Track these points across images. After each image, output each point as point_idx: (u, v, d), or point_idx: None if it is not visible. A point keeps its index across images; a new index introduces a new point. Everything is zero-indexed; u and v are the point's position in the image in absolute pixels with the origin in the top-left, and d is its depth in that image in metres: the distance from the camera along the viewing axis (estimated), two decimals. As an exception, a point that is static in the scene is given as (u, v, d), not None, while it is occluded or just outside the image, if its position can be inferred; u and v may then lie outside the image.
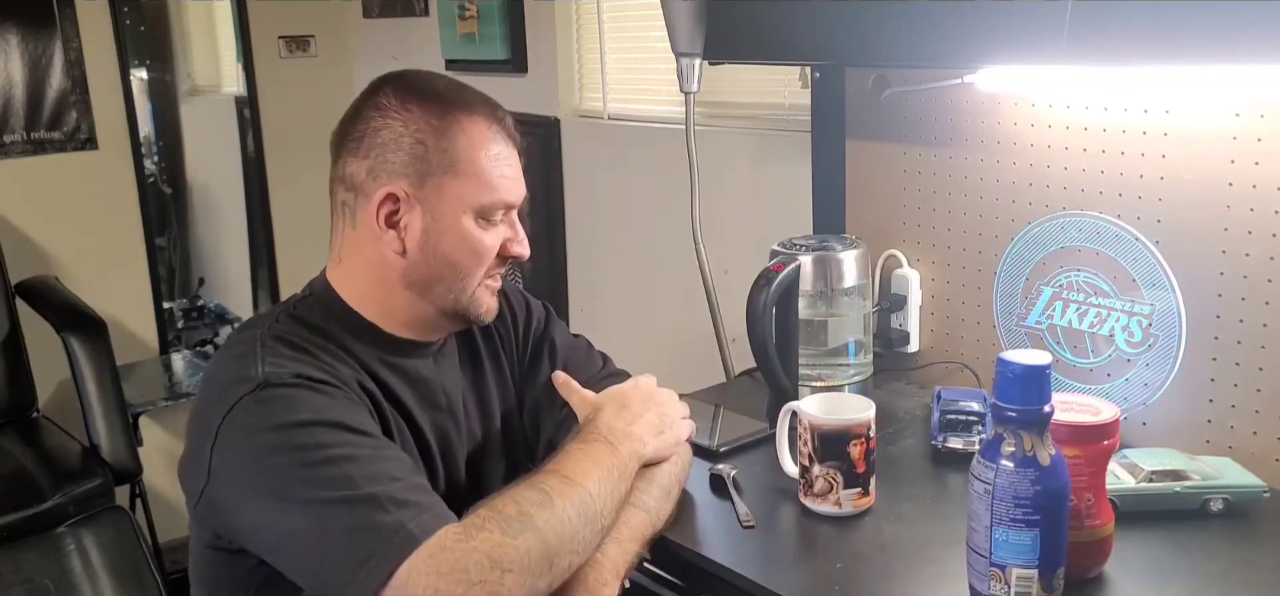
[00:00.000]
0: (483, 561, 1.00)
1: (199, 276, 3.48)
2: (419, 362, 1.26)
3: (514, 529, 1.03)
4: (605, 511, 1.14)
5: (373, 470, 1.05)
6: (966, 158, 1.63)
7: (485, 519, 1.04)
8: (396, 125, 1.17)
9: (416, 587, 0.99)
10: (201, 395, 1.16)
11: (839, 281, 1.56)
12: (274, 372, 1.10)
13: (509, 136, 1.22)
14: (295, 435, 1.06)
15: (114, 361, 2.48)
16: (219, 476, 1.09)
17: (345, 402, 1.13)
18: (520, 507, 1.06)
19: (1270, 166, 1.30)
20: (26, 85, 2.85)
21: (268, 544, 1.09)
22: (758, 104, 2.11)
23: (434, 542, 1.00)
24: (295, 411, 1.08)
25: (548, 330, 1.43)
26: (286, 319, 1.21)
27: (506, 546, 1.02)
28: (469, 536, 1.02)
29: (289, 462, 1.05)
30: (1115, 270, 1.47)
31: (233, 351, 1.17)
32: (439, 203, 1.18)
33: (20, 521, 2.21)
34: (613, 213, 2.51)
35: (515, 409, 1.40)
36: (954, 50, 1.37)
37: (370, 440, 1.10)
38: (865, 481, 1.26)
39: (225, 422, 1.08)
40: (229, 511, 1.10)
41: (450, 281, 1.21)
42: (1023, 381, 1.00)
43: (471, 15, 2.73)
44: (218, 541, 1.16)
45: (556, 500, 1.08)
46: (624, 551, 1.15)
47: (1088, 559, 1.10)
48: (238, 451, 1.08)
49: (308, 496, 1.04)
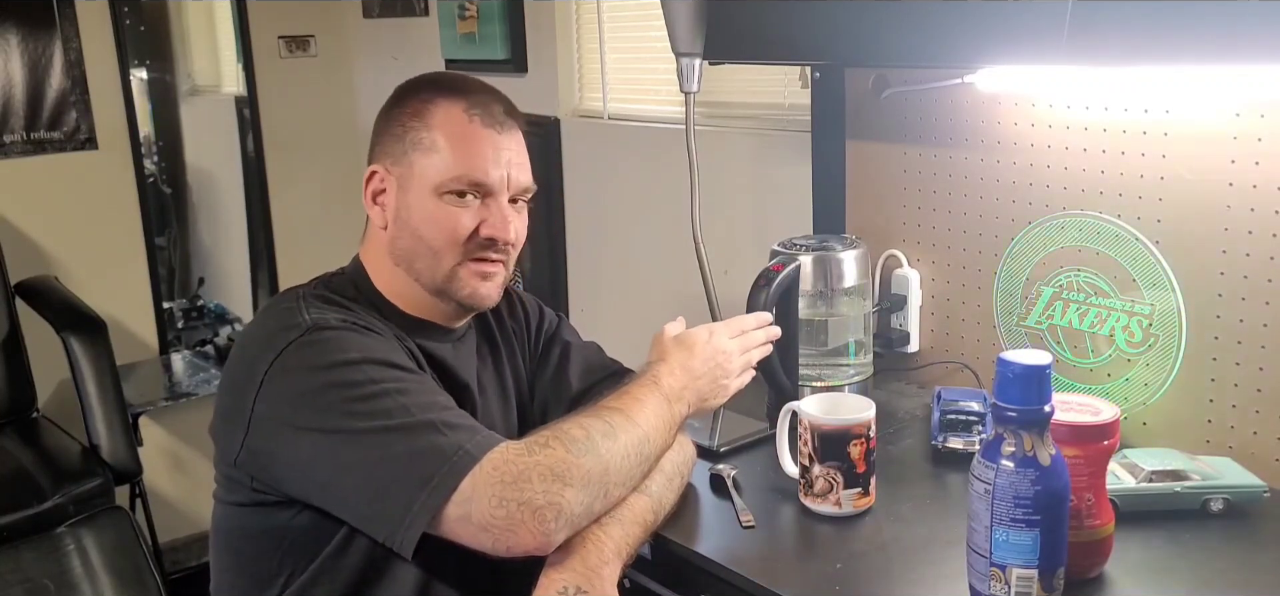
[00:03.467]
0: (546, 473, 1.05)
1: (199, 276, 3.48)
2: (439, 345, 1.30)
3: (578, 448, 1.09)
4: (654, 455, 1.20)
5: (424, 400, 1.11)
6: (966, 158, 1.63)
7: (549, 438, 1.09)
8: (397, 111, 1.26)
9: (481, 497, 1.04)
10: (241, 351, 1.20)
11: (839, 281, 1.56)
12: (321, 318, 1.16)
13: (493, 122, 1.25)
14: (348, 372, 1.11)
15: (114, 361, 2.48)
16: (265, 422, 1.12)
17: (391, 344, 1.19)
18: (586, 431, 1.11)
19: (1270, 166, 1.30)
20: (26, 85, 2.85)
21: (318, 484, 1.12)
22: (758, 104, 2.11)
23: (497, 454, 1.06)
24: (346, 350, 1.13)
25: (559, 331, 1.48)
26: (322, 288, 1.27)
27: (569, 463, 1.07)
28: (531, 452, 1.07)
29: (343, 397, 1.10)
30: (1115, 270, 1.47)
31: (275, 309, 1.22)
32: (409, 177, 1.24)
33: (20, 521, 2.21)
34: (613, 213, 2.51)
35: (527, 401, 1.44)
36: (954, 50, 1.37)
37: (418, 375, 1.16)
38: (865, 481, 1.26)
39: (274, 366, 1.12)
40: (276, 454, 1.13)
41: (427, 258, 1.25)
42: (1023, 381, 1.00)
43: (471, 15, 2.73)
44: (254, 496, 1.17)
45: (619, 434, 1.14)
46: (626, 533, 1.16)
47: (1088, 559, 1.10)
48: (289, 392, 1.12)
49: (365, 427, 1.08)
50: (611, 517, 1.15)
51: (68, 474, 2.33)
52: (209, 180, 3.52)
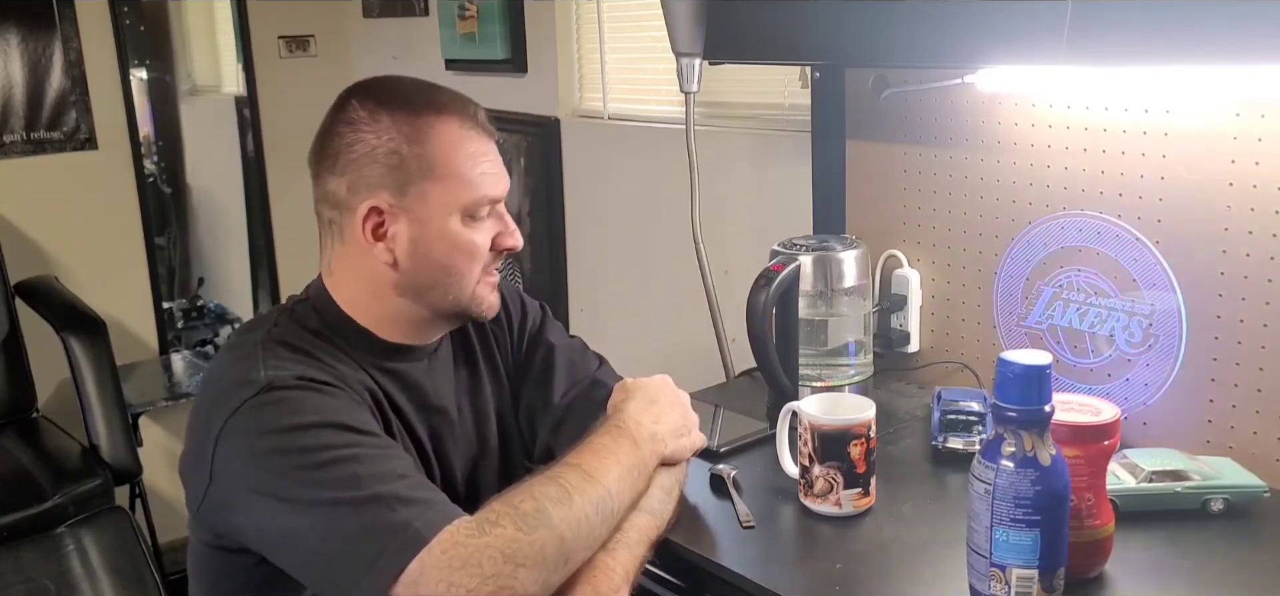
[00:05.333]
0: (496, 556, 1.01)
1: (199, 276, 3.48)
2: (413, 367, 1.26)
3: (529, 524, 1.03)
4: (621, 509, 1.15)
5: (378, 469, 1.05)
6: (966, 158, 1.63)
7: (500, 514, 1.04)
8: (369, 137, 1.16)
9: (429, 583, 0.99)
10: (203, 397, 1.16)
11: (839, 281, 1.55)
12: (277, 376, 1.10)
13: (484, 131, 1.21)
14: (300, 437, 1.06)
15: (114, 361, 2.48)
16: (222, 478, 1.09)
17: (348, 403, 1.13)
18: (537, 503, 1.06)
19: (1270, 166, 1.30)
20: (26, 85, 2.85)
21: (273, 545, 1.09)
22: (758, 104, 2.11)
23: (446, 537, 1.01)
24: (299, 414, 1.08)
25: (543, 330, 1.43)
26: (287, 321, 1.21)
27: (521, 542, 1.02)
28: (483, 531, 1.02)
29: (294, 464, 1.05)
30: (1115, 270, 1.47)
31: (235, 354, 1.17)
32: (423, 209, 1.17)
33: (20, 521, 2.21)
34: (613, 213, 2.51)
35: (510, 408, 1.41)
36: (954, 50, 1.37)
37: (374, 440, 1.10)
38: (865, 481, 1.26)
39: (228, 425, 1.08)
40: (233, 513, 1.10)
41: (447, 285, 1.21)
42: (1023, 381, 1.00)
43: (471, 15, 2.73)
44: (218, 540, 1.16)
45: (575, 497, 1.08)
46: (633, 556, 1.15)
47: (1088, 559, 1.10)
48: (242, 454, 1.08)
49: (314, 498, 1.04)
50: (618, 543, 1.14)
51: (68, 474, 2.34)
52: (209, 180, 3.52)
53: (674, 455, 1.25)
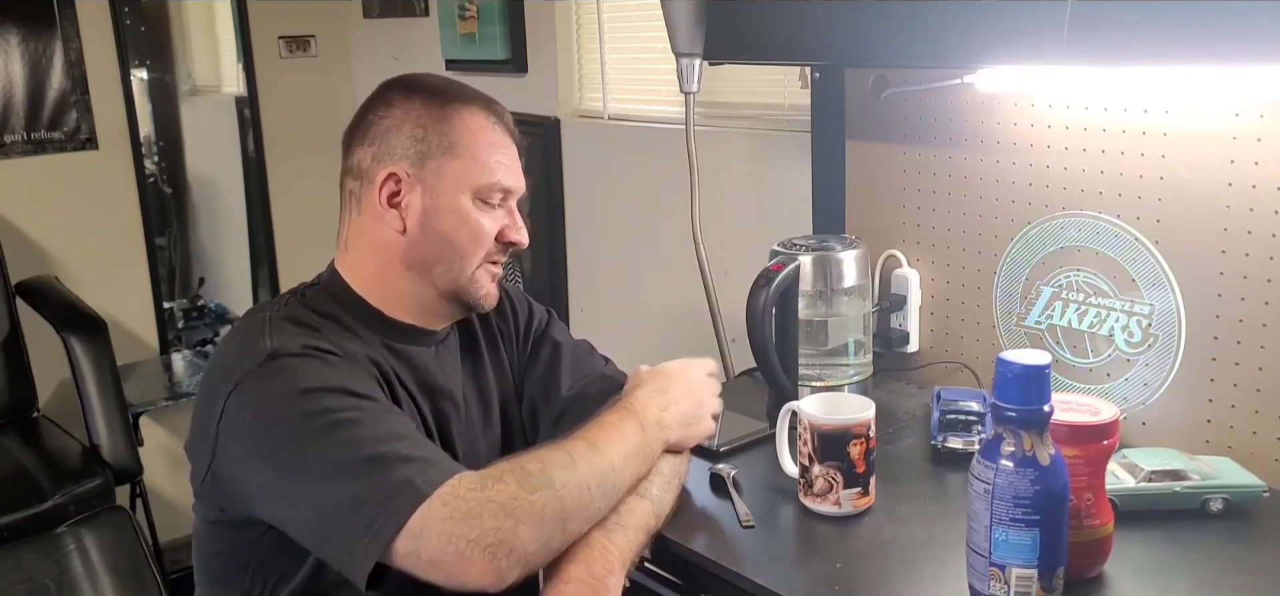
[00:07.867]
0: (497, 510, 1.03)
1: (199, 276, 3.48)
2: (421, 351, 1.28)
3: (532, 484, 1.06)
4: (623, 486, 1.17)
5: (378, 431, 1.08)
6: (966, 158, 1.63)
7: (505, 471, 1.07)
8: (399, 114, 1.23)
9: (431, 533, 1.01)
10: (209, 372, 1.19)
11: (839, 281, 1.56)
12: (282, 345, 1.13)
13: (507, 130, 1.28)
14: (302, 402, 1.09)
15: (114, 361, 2.48)
16: (226, 449, 1.12)
17: (351, 369, 1.16)
18: (542, 465, 1.09)
19: (1270, 166, 1.30)
20: (27, 85, 2.85)
21: (276, 511, 1.11)
22: (758, 104, 2.11)
23: (448, 490, 1.03)
24: (301, 380, 1.10)
25: (549, 329, 1.46)
26: (296, 302, 1.24)
27: (522, 499, 1.04)
28: (485, 486, 1.05)
29: (296, 429, 1.08)
30: (1115, 270, 1.47)
31: (241, 330, 1.20)
32: (438, 182, 1.22)
33: (21, 521, 2.21)
34: (613, 213, 2.51)
35: (514, 402, 1.43)
36: (954, 50, 1.37)
37: (375, 404, 1.13)
38: (865, 481, 1.26)
39: (233, 394, 1.11)
40: (237, 482, 1.12)
41: (450, 261, 1.24)
42: (1022, 381, 1.00)
43: (471, 15, 2.73)
44: (222, 515, 1.17)
45: (579, 465, 1.11)
46: (630, 540, 1.16)
47: (1087, 559, 1.10)
48: (246, 422, 1.11)
49: (316, 459, 1.06)
50: (615, 525, 1.15)
51: (68, 474, 2.34)
52: (209, 180, 3.52)
53: (679, 442, 1.28)
